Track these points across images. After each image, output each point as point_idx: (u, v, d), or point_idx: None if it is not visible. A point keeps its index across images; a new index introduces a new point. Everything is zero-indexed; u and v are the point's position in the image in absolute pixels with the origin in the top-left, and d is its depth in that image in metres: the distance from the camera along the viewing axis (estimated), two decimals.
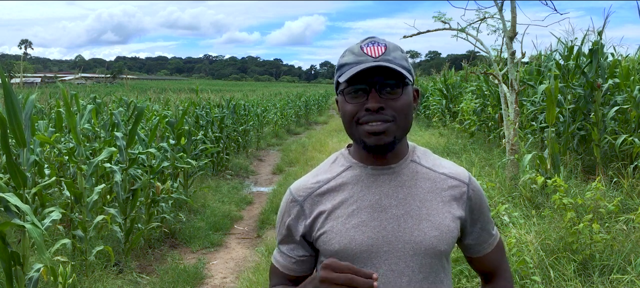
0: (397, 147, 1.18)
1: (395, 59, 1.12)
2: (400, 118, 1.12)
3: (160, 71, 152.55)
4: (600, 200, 3.91)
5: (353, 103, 1.12)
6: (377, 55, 1.11)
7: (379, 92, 1.10)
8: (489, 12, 6.81)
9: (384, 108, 1.10)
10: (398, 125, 1.12)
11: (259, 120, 15.05)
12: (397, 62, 1.11)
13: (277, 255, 1.27)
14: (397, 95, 1.11)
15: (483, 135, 10.11)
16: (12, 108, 2.94)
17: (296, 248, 1.23)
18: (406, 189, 1.17)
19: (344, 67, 1.14)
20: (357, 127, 1.13)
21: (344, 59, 1.15)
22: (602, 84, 6.17)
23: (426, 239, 1.14)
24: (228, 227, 6.24)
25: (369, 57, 1.11)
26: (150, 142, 5.43)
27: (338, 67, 1.17)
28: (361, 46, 1.14)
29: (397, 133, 1.12)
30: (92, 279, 4.00)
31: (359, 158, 1.21)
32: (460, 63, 15.44)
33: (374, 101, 1.10)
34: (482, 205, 1.25)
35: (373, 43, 1.14)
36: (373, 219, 1.15)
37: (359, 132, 1.13)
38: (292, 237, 1.23)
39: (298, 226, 1.21)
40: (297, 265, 1.24)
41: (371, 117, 1.10)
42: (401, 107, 1.12)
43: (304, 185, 1.22)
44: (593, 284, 3.33)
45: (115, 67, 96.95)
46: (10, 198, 2.69)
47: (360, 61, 1.11)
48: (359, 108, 1.12)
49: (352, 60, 1.13)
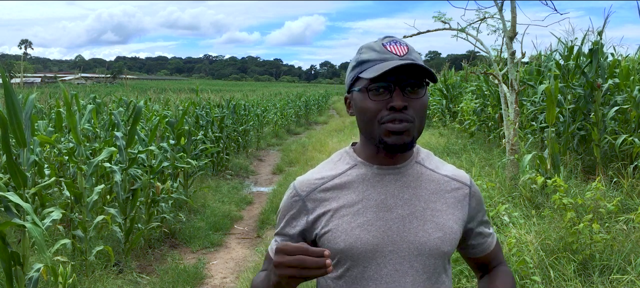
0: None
1: (417, 59, 1.12)
2: (419, 119, 1.12)
3: (160, 71, 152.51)
4: (600, 200, 3.91)
5: (376, 100, 1.11)
6: (402, 54, 1.11)
7: (403, 91, 1.10)
8: (489, 12, 6.81)
9: (407, 107, 1.10)
10: (416, 126, 1.12)
11: (259, 120, 15.05)
12: (421, 63, 1.11)
13: (273, 244, 1.27)
14: (419, 95, 1.11)
15: (483, 135, 10.11)
16: (12, 108, 2.94)
17: (292, 241, 1.22)
18: (411, 190, 1.17)
19: (367, 63, 1.13)
20: (378, 125, 1.11)
21: (365, 55, 1.14)
22: (602, 84, 6.17)
23: (430, 240, 1.14)
24: (228, 227, 6.24)
25: (394, 55, 1.11)
26: (150, 142, 5.43)
27: (358, 63, 1.15)
28: (383, 44, 1.13)
29: (415, 133, 1.12)
30: (92, 279, 4.00)
31: (365, 157, 1.20)
32: (460, 63, 15.44)
33: (400, 99, 1.09)
34: (482, 207, 1.27)
35: (395, 42, 1.14)
36: (378, 219, 1.14)
37: (379, 130, 1.11)
38: (290, 231, 1.22)
39: (299, 221, 1.21)
40: None
41: (395, 115, 1.09)
42: (421, 107, 1.12)
43: (308, 181, 1.21)
44: (593, 284, 3.33)
45: (115, 67, 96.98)
46: (11, 197, 2.69)
47: (385, 58, 1.10)
48: (381, 106, 1.10)
49: (375, 57, 1.12)
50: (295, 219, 1.21)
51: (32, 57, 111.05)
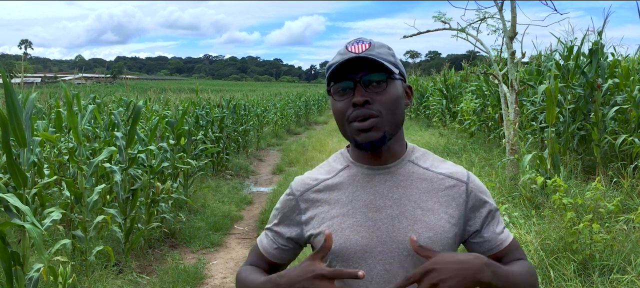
0: (392, 146, 1.18)
1: (380, 54, 1.13)
2: (387, 113, 1.12)
3: (160, 71, 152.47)
4: (600, 200, 3.91)
5: (341, 101, 1.14)
6: (361, 51, 1.13)
7: (365, 87, 1.11)
8: (489, 12, 6.83)
9: (370, 102, 1.11)
10: (385, 119, 1.12)
11: (259, 120, 15.05)
12: (382, 57, 1.12)
13: (263, 237, 1.30)
14: (382, 89, 1.12)
15: (483, 135, 10.11)
16: (12, 108, 2.94)
17: (281, 238, 1.26)
18: (401, 190, 1.17)
19: (331, 66, 1.15)
20: (348, 125, 1.14)
21: (332, 60, 1.17)
22: (602, 84, 6.17)
23: (420, 240, 1.12)
24: (228, 227, 6.24)
25: (353, 53, 1.12)
26: (149, 142, 5.43)
27: (327, 68, 1.18)
28: (346, 45, 1.16)
29: (386, 128, 1.13)
30: (92, 279, 4.00)
31: (356, 157, 1.21)
32: (460, 63, 15.43)
33: (359, 95, 1.11)
34: (484, 203, 1.20)
35: (358, 41, 1.16)
36: (367, 219, 1.15)
37: (350, 130, 1.14)
38: (281, 228, 1.26)
39: (290, 220, 1.24)
40: (278, 251, 1.27)
41: (358, 112, 1.11)
42: (387, 101, 1.12)
43: (303, 181, 1.25)
44: (593, 284, 3.33)
45: (115, 67, 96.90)
46: (10, 199, 2.69)
47: (344, 59, 1.12)
48: (347, 105, 1.13)
49: (338, 59, 1.14)
50: (288, 218, 1.24)
51: (32, 57, 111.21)
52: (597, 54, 6.24)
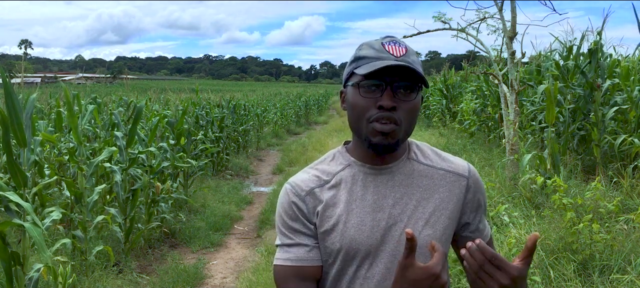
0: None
1: (414, 63, 1.11)
2: (408, 122, 1.12)
3: (160, 71, 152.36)
4: (600, 200, 3.91)
5: (366, 98, 1.11)
6: (399, 55, 1.11)
7: (394, 92, 1.10)
8: (489, 12, 6.81)
9: (396, 108, 1.10)
10: (404, 129, 1.12)
11: (259, 120, 15.05)
12: (416, 66, 1.11)
13: (284, 254, 1.17)
14: (410, 98, 1.11)
15: (483, 135, 10.11)
16: (13, 108, 2.94)
17: (307, 236, 1.17)
18: (403, 188, 1.17)
19: (363, 60, 1.13)
20: (366, 123, 1.12)
21: (363, 52, 1.14)
22: (601, 84, 6.17)
23: (421, 238, 1.14)
24: (228, 227, 6.24)
25: (390, 55, 1.11)
26: (150, 142, 5.43)
27: (355, 58, 1.16)
28: (382, 43, 1.13)
29: (401, 136, 1.12)
30: (92, 279, 4.01)
31: (357, 156, 1.20)
32: (460, 63, 15.42)
33: (388, 99, 1.09)
34: (480, 198, 1.24)
35: (394, 42, 1.14)
36: (371, 219, 1.15)
37: (367, 128, 1.12)
38: (298, 229, 1.18)
39: (300, 221, 1.18)
40: (315, 252, 1.17)
41: (382, 114, 1.09)
42: (411, 110, 1.12)
43: (303, 181, 1.20)
44: (593, 284, 3.33)
45: (115, 67, 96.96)
46: (10, 196, 2.69)
47: (381, 57, 1.11)
48: (371, 104, 1.11)
49: (372, 54, 1.12)
50: (296, 222, 1.18)
51: (32, 57, 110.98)
52: (596, 54, 6.24)
